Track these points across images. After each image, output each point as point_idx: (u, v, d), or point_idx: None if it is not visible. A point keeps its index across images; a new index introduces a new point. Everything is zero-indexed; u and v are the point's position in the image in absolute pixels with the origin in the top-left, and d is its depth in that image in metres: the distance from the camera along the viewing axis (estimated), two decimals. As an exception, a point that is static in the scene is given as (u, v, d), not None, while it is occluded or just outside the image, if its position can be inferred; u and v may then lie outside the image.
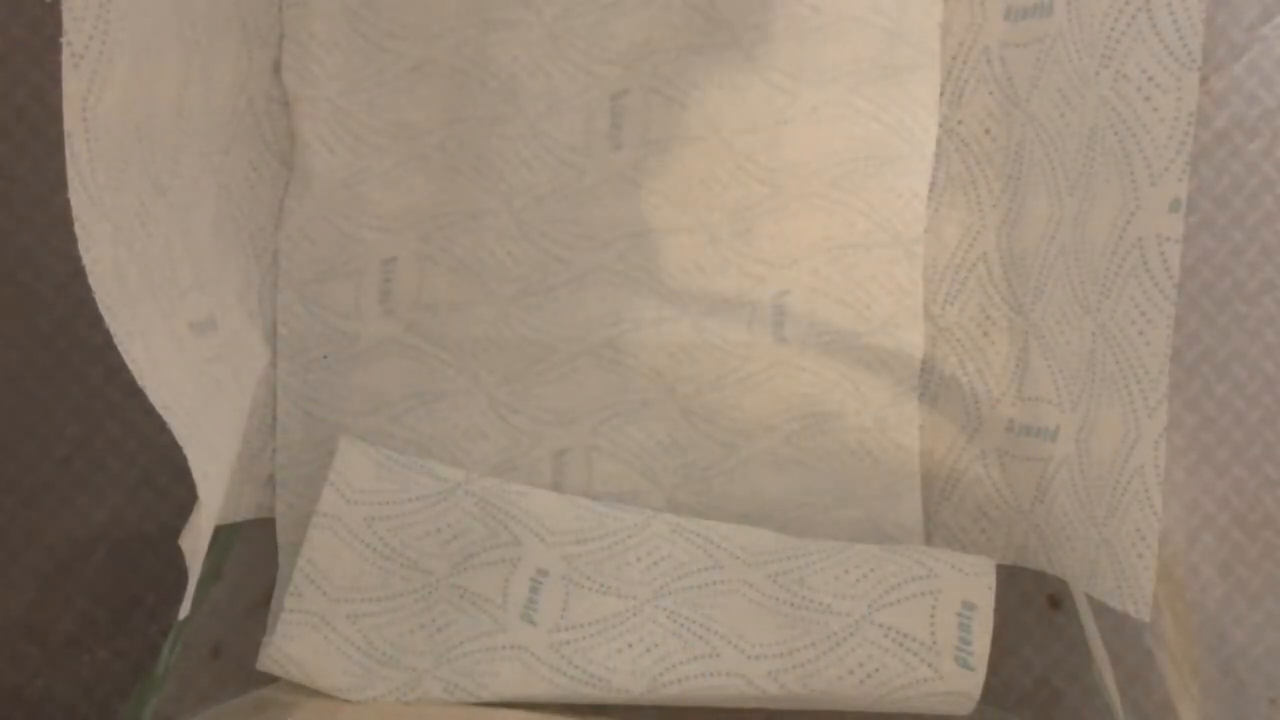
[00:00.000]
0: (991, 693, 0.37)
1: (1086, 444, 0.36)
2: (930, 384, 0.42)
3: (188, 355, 0.33)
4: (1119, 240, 0.34)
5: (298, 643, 0.37)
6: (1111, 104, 0.33)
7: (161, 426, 0.30)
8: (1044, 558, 0.39)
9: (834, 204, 0.41)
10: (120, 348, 0.28)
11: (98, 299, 0.28)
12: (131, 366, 0.28)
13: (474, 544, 0.38)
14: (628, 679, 0.36)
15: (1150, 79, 0.32)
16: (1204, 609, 0.41)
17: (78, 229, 0.27)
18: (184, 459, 0.30)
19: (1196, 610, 0.41)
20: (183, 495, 0.31)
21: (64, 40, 0.27)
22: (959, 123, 0.41)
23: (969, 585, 0.37)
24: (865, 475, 0.41)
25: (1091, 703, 0.40)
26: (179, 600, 0.32)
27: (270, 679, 0.37)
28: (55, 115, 0.27)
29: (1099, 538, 0.35)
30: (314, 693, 0.37)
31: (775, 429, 0.41)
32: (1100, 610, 0.38)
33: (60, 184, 0.27)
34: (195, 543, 0.32)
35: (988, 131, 0.40)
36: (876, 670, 0.36)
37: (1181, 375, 0.41)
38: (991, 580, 0.37)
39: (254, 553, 0.40)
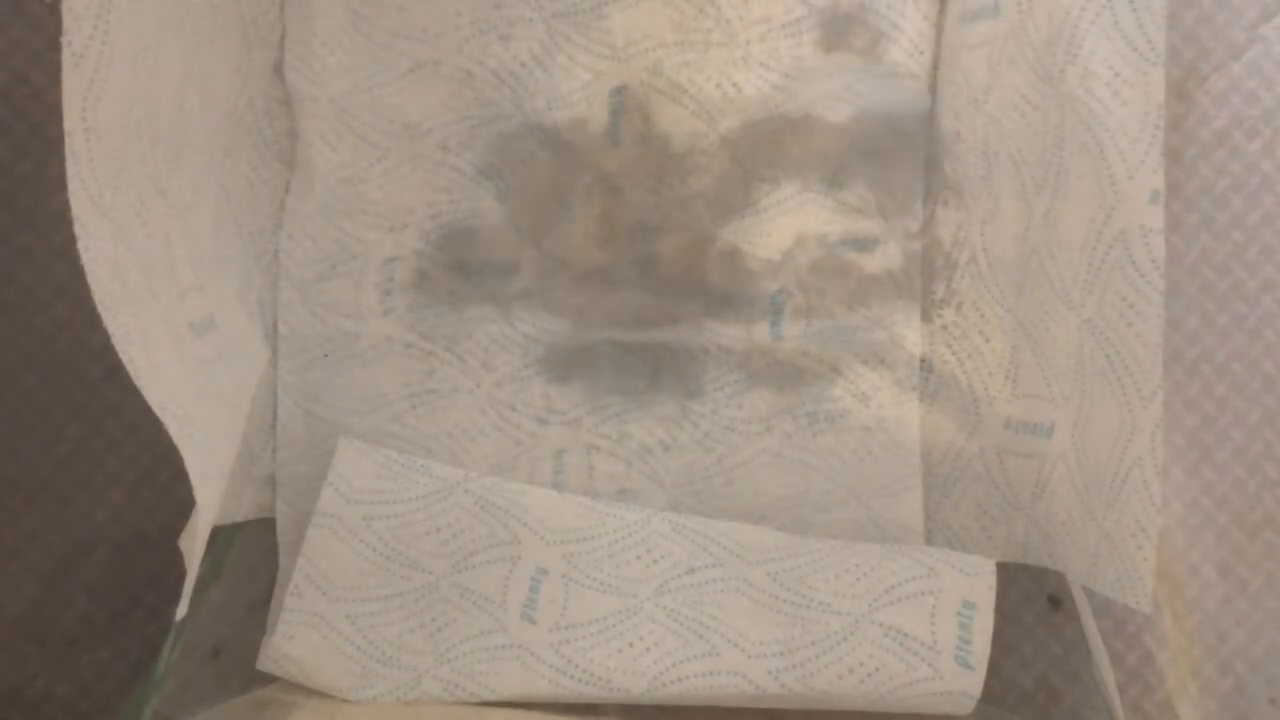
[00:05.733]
0: (991, 692, 0.37)
1: (1082, 438, 0.36)
2: (929, 382, 0.42)
3: (187, 355, 0.33)
4: (1099, 235, 0.34)
5: (298, 642, 0.37)
6: (1081, 100, 0.34)
7: (162, 426, 0.30)
8: (1045, 554, 0.39)
9: (832, 201, 0.41)
10: (118, 347, 0.28)
11: (97, 299, 0.28)
12: (128, 366, 0.28)
13: (473, 543, 0.38)
14: (628, 678, 0.36)
15: (1117, 75, 0.33)
16: (1203, 608, 0.41)
17: (78, 229, 0.27)
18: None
19: (1196, 609, 0.41)
20: (183, 495, 0.31)
21: (64, 40, 0.27)
22: (942, 125, 0.41)
23: (969, 585, 0.37)
24: (865, 475, 0.41)
25: (1091, 702, 0.40)
26: (179, 600, 0.32)
27: (270, 679, 0.37)
28: (55, 115, 0.27)
29: (1099, 531, 0.35)
30: (314, 693, 0.37)
31: (775, 429, 0.41)
32: (1100, 610, 0.38)
33: (60, 184, 0.27)
34: (193, 543, 0.32)
35: (958, 134, 0.40)
36: (877, 669, 0.36)
37: (1181, 375, 0.41)
38: (992, 580, 0.37)
39: (254, 553, 0.40)
